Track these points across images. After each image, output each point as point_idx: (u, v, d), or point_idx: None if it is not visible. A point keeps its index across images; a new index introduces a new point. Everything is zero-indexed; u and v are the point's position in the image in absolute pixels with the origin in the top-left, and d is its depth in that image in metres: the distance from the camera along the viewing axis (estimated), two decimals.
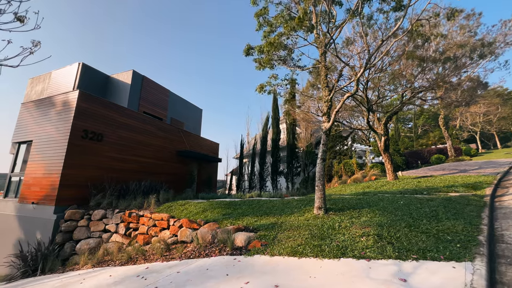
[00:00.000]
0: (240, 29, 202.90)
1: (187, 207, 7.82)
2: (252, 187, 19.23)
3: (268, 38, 5.37)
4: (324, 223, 4.81)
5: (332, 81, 5.88)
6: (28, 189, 8.90)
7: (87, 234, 8.03)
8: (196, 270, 3.75)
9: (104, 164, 9.67)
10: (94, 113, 9.57)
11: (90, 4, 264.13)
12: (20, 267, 7.03)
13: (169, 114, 15.67)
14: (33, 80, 13.69)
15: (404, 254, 3.33)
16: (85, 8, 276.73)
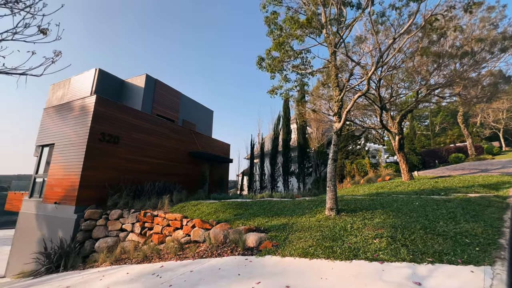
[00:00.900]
0: (253, 30, 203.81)
1: (200, 207, 7.97)
2: (263, 187, 19.26)
3: (279, 38, 5.38)
4: (335, 224, 4.76)
5: (342, 80, 5.80)
6: (51, 189, 9.40)
7: (105, 233, 8.37)
8: (209, 270, 3.84)
9: (120, 166, 10.03)
10: (111, 116, 9.95)
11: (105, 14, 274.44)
12: (44, 264, 7.45)
13: (181, 116, 15.99)
14: (54, 86, 14.41)
15: (419, 257, 3.25)
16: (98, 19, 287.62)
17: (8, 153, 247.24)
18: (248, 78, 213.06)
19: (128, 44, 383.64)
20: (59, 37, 3.87)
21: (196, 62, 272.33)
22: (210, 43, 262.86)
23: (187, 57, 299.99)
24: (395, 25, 6.83)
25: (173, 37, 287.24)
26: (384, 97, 10.37)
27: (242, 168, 30.23)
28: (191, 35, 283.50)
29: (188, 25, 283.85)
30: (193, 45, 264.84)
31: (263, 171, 19.62)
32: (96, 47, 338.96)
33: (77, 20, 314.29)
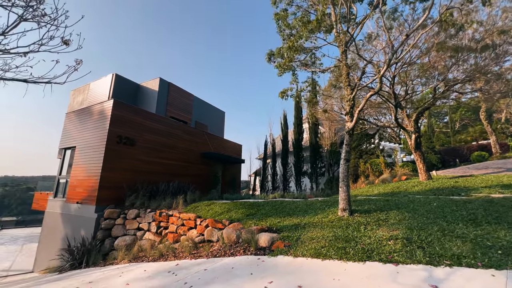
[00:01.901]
0: (266, 30, 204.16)
1: (213, 207, 8.11)
2: (275, 187, 19.25)
3: (288, 40, 5.39)
4: (348, 225, 4.71)
5: (354, 79, 5.70)
6: (73, 190, 9.91)
7: (124, 231, 8.72)
8: (222, 268, 3.92)
9: (136, 167, 10.40)
10: (127, 119, 10.35)
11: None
12: (68, 260, 7.87)
13: (194, 118, 16.31)
14: (74, 91, 15.17)
15: (436, 259, 3.16)
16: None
17: (34, 156, 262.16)
18: (262, 78, 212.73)
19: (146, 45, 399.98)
20: (80, 46, 4.11)
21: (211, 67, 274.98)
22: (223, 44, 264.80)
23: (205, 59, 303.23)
24: (409, 20, 6.64)
25: (193, 37, 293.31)
26: (399, 95, 10.06)
27: (254, 168, 30.33)
28: (206, 34, 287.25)
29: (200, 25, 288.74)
30: (212, 45, 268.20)
31: (275, 171, 19.60)
32: (113, 51, 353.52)
33: (96, 27, 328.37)
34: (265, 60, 6.06)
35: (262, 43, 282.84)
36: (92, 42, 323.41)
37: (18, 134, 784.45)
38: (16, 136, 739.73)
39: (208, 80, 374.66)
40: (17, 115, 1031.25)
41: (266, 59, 6.00)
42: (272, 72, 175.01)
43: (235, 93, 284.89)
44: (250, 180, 28.58)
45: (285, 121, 19.98)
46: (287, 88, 6.01)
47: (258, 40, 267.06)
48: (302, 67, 6.13)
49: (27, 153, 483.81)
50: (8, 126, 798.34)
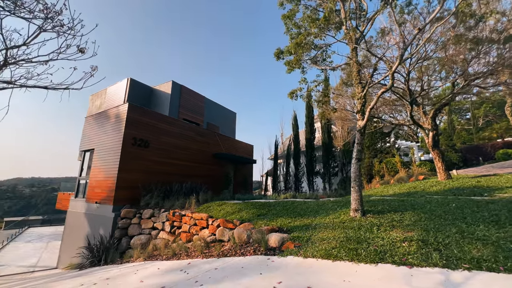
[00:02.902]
0: (277, 30, 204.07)
1: (224, 207, 8.19)
2: (287, 188, 19.12)
3: (297, 38, 5.35)
4: (361, 226, 4.60)
5: (365, 76, 5.55)
6: (92, 190, 10.37)
7: (139, 230, 9.00)
8: (232, 268, 3.96)
9: (150, 168, 10.72)
10: (141, 122, 10.69)
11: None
12: (88, 258, 8.23)
13: (205, 119, 16.56)
14: (93, 96, 15.88)
15: (453, 262, 3.02)
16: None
17: (58, 158, 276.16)
18: (273, 78, 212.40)
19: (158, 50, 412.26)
20: (95, 53, 4.30)
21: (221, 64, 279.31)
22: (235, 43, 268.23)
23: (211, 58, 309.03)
24: (424, 13, 6.39)
25: (198, 39, 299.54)
26: (414, 91, 9.68)
27: (266, 168, 30.27)
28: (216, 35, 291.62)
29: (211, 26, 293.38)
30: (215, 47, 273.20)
31: (288, 171, 19.47)
32: (128, 56, 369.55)
33: (111, 32, 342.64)
34: (274, 58, 6.04)
35: (274, 42, 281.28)
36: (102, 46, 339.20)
37: (42, 137, 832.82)
38: (40, 139, 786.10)
39: (220, 80, 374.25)
40: (39, 119, 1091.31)
41: (274, 56, 5.99)
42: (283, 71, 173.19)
43: (248, 93, 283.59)
44: (262, 180, 28.58)
45: (296, 120, 19.81)
46: (296, 89, 5.96)
47: (270, 39, 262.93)
48: (312, 65, 6.05)
49: (53, 155, 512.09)
50: (32, 129, 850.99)
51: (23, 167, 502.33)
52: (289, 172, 19.32)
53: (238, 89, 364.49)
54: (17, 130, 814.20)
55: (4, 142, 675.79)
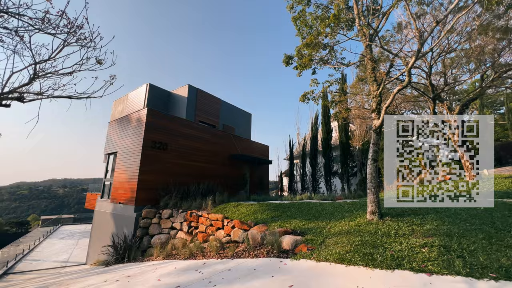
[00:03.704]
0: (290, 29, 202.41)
1: (239, 208, 8.28)
2: (304, 188, 18.86)
3: (307, 38, 5.26)
4: (377, 230, 4.43)
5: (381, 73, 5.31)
6: (116, 191, 10.96)
7: (159, 230, 9.37)
8: (245, 269, 4.00)
9: (168, 170, 11.10)
10: (160, 125, 11.12)
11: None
12: (113, 255, 8.71)
13: (221, 121, 16.82)
14: (116, 102, 16.78)
15: (478, 271, 2.82)
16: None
17: (88, 159, 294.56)
18: (288, 78, 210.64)
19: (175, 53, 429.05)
20: (114, 63, 4.56)
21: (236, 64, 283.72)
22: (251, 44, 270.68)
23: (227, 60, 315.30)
24: (445, 3, 6.01)
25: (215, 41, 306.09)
26: (437, 86, 9.11)
27: (283, 169, 30.07)
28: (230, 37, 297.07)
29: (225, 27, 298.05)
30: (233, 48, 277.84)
31: (305, 171, 19.21)
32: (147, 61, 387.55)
33: (131, 37, 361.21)
34: (283, 65, 5.99)
35: (288, 41, 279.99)
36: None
37: (72, 139, 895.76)
38: (70, 142, 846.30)
39: (234, 80, 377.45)
40: (67, 124, 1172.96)
41: (283, 63, 5.93)
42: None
43: (265, 93, 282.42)
44: (279, 181, 28.45)
45: (316, 120, 19.47)
46: (308, 91, 5.85)
47: (286, 38, 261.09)
48: (323, 64, 5.92)
49: (83, 158, 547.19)
50: (62, 133, 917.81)
51: (56, 168, 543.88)
52: (306, 173, 19.04)
53: (254, 88, 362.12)
54: (50, 135, 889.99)
55: (38, 146, 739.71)
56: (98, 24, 4.02)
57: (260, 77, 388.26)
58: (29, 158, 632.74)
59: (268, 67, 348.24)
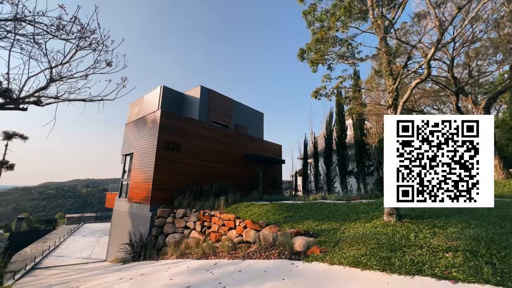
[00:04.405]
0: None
1: (251, 208, 8.22)
2: (318, 188, 18.47)
3: (317, 33, 5.09)
4: (395, 232, 4.18)
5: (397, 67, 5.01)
6: (132, 191, 11.30)
7: (173, 229, 9.53)
8: (256, 271, 3.93)
9: (182, 170, 11.27)
10: (173, 126, 11.32)
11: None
12: (130, 253, 8.97)
13: (233, 121, 16.86)
14: (132, 104, 17.32)
15: (510, 279, 2.55)
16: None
17: (108, 160, 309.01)
18: (300, 76, 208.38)
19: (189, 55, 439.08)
20: (125, 65, 4.65)
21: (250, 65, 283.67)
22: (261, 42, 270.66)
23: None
24: None
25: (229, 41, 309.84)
26: (461, 79, 8.53)
27: (296, 168, 29.72)
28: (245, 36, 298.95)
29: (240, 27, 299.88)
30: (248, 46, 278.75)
31: (318, 171, 18.82)
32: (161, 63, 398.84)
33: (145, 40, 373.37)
34: (298, 59, 5.85)
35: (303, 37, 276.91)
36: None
37: (93, 141, 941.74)
38: (91, 143, 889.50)
39: (247, 79, 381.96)
40: (85, 125, 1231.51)
41: (298, 57, 5.79)
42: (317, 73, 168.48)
43: (278, 93, 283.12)
44: (293, 180, 28.13)
45: (330, 118, 19.02)
46: (320, 87, 5.65)
47: (301, 36, 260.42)
48: (339, 60, 5.70)
49: (105, 158, 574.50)
50: (82, 135, 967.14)
51: (79, 169, 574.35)
52: (320, 172, 18.65)
53: (267, 88, 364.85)
54: (69, 136, 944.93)
55: (58, 148, 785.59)
56: (112, 25, 4.12)
57: (274, 77, 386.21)
58: (54, 160, 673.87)
59: (282, 66, 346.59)
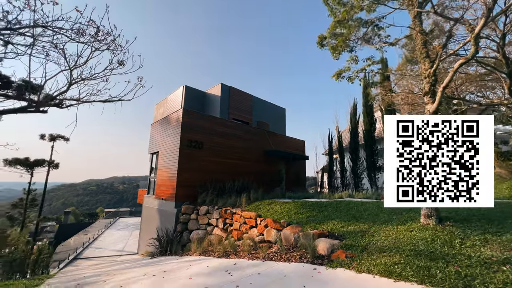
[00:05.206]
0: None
1: (273, 206, 8.00)
2: (345, 185, 17.59)
3: (338, 17, 4.61)
4: (436, 238, 3.65)
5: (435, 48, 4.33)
6: (159, 188, 11.73)
7: (197, 226, 9.69)
8: (275, 274, 3.70)
9: (204, 167, 11.40)
10: (195, 125, 11.47)
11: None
12: (157, 247, 9.33)
13: (255, 118, 16.69)
14: (157, 105, 18.02)
15: None
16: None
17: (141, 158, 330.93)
18: (325, 68, 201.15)
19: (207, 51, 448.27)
20: (142, 65, 4.66)
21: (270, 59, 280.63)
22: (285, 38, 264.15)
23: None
24: None
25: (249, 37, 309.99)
26: None
27: (321, 164, 28.73)
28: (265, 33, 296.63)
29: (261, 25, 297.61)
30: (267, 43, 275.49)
31: (344, 167, 17.91)
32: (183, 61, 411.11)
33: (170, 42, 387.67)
34: (317, 46, 5.41)
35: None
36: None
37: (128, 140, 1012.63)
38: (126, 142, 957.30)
39: (270, 78, 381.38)
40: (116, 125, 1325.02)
41: (317, 45, 5.36)
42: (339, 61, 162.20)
43: (302, 90, 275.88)
44: (318, 177, 27.26)
45: (355, 110, 17.91)
46: (343, 68, 5.14)
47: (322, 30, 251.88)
48: (364, 44, 5.15)
49: (137, 156, 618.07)
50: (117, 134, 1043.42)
51: (115, 167, 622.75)
52: (346, 168, 17.73)
53: (292, 86, 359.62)
54: (91, 137, 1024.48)
55: (96, 148, 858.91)
56: (132, 24, 4.17)
57: (299, 74, 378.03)
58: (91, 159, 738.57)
59: (307, 64, 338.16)
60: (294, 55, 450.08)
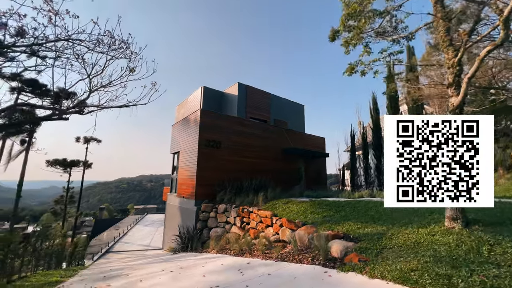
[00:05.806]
0: None
1: (290, 205, 7.92)
2: (369, 183, 16.83)
3: (349, 9, 4.36)
4: (460, 243, 3.34)
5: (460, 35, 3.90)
6: (180, 187, 12.20)
7: (216, 223, 9.93)
8: (285, 276, 3.67)
9: (223, 166, 11.61)
10: (213, 124, 11.71)
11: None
12: (179, 244, 9.74)
13: (272, 116, 16.59)
14: (178, 106, 18.69)
15: None
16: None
17: (166, 159, 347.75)
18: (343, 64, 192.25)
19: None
20: (155, 70, 4.85)
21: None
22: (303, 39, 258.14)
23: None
24: None
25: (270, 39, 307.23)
26: None
27: (343, 161, 27.73)
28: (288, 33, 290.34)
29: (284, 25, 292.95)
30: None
31: (367, 164, 17.12)
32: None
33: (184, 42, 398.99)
34: (329, 40, 5.21)
35: None
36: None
37: (154, 141, 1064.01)
38: (151, 143, 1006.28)
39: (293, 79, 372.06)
40: (141, 126, 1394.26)
41: (329, 38, 5.15)
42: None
43: (323, 90, 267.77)
44: (340, 174, 26.39)
45: (375, 104, 17.02)
46: (355, 62, 4.86)
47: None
48: (378, 37, 4.85)
49: (163, 156, 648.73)
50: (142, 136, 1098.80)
51: (143, 166, 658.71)
52: (369, 165, 16.94)
53: (314, 85, 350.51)
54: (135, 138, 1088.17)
55: (125, 148, 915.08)
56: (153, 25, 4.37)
57: (319, 74, 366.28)
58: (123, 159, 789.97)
59: (329, 63, 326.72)
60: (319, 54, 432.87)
